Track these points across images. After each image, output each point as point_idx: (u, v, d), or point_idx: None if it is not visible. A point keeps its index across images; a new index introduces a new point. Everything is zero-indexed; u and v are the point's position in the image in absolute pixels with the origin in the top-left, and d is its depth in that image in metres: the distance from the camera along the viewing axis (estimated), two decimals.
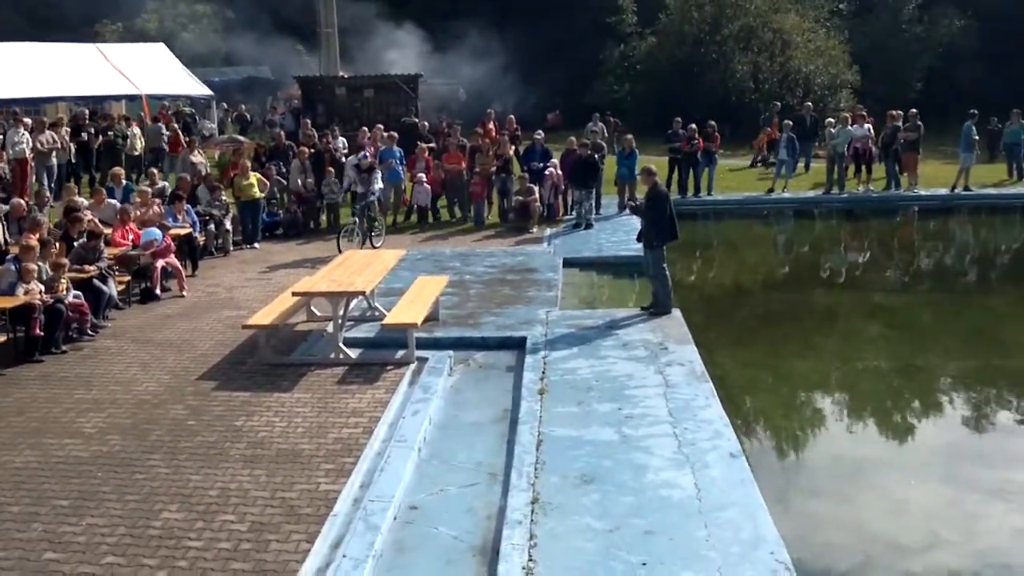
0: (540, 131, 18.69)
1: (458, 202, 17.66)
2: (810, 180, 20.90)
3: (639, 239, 10.60)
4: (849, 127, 19.46)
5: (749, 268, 15.10)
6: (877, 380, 9.58)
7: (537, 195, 16.61)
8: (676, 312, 10.22)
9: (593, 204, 16.92)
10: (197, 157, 16.81)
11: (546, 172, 17.02)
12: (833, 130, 19.52)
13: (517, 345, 9.38)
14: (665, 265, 10.33)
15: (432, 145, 19.11)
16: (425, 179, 17.05)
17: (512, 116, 21.48)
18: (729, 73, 31.63)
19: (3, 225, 12.03)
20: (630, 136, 18.18)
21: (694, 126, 19.18)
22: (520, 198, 16.48)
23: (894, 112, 20.15)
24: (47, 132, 17.86)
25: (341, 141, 17.85)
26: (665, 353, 8.88)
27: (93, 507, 5.96)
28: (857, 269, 14.85)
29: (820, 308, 12.42)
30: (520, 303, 10.97)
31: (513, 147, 18.11)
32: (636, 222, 11.42)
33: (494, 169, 17.09)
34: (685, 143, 18.82)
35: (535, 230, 16.11)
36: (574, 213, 16.93)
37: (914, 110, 20.24)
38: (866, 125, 19.76)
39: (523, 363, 8.75)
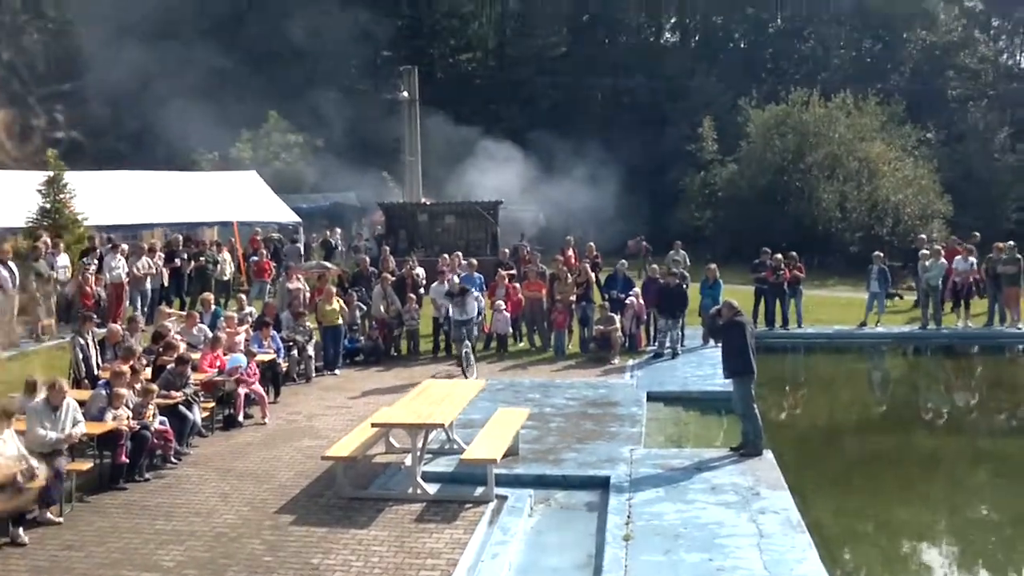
0: (624, 260, 18.82)
1: (538, 331, 17.77)
2: (905, 315, 20.40)
3: (724, 372, 10.46)
4: (942, 260, 19.02)
5: (843, 406, 14.64)
6: (987, 531, 9.04)
7: (618, 324, 16.60)
8: (768, 454, 9.93)
9: (680, 334, 16.80)
10: (295, 283, 17.39)
11: (627, 301, 17.05)
12: (927, 263, 19.11)
13: (600, 485, 9.23)
14: (754, 404, 10.11)
15: (512, 272, 19.42)
16: (505, 307, 17.25)
17: (592, 243, 21.78)
18: (815, 201, 31.61)
19: (97, 349, 12.56)
20: (714, 266, 18.16)
21: (780, 256, 19.07)
22: (601, 327, 16.49)
23: (1000, 244, 19.61)
24: (143, 258, 18.83)
25: (420, 271, 18.33)
26: (757, 499, 8.59)
27: None
28: (960, 410, 14.25)
29: (922, 451, 11.89)
30: (602, 439, 10.84)
31: (594, 275, 18.25)
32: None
33: (574, 297, 17.21)
34: (770, 273, 18.69)
35: (616, 361, 16.01)
36: (656, 344, 16.85)
37: (1011, 242, 19.75)
38: (970, 259, 19.29)
39: (607, 504, 8.58)
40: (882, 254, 20.41)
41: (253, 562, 7.44)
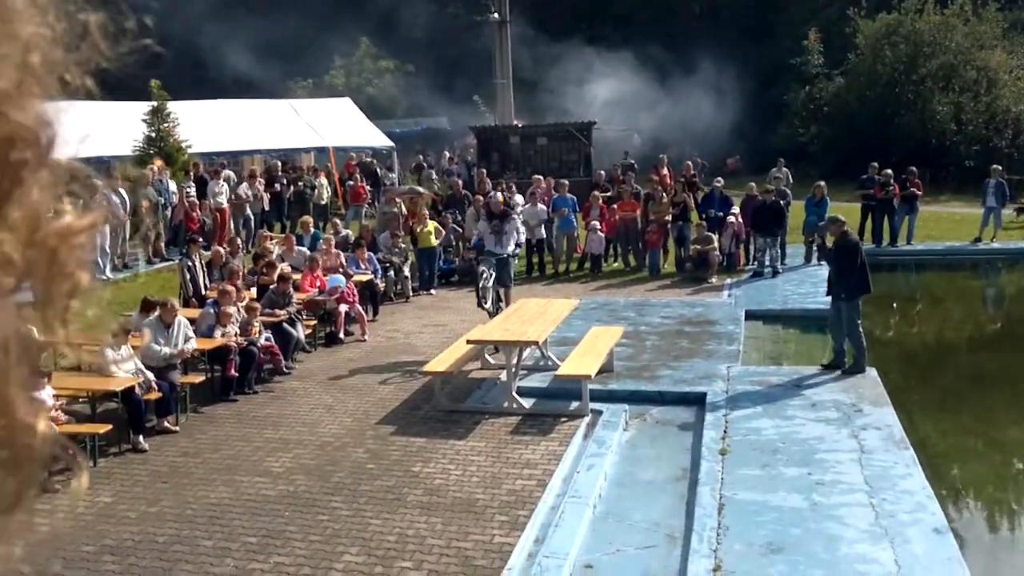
0: (719, 178, 18.43)
1: (632, 250, 17.68)
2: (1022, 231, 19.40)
3: (828, 291, 10.23)
4: None
5: (953, 325, 14.15)
6: None
7: (716, 244, 16.34)
8: (871, 371, 9.73)
9: (779, 252, 16.46)
10: (391, 206, 17.74)
11: (726, 220, 16.74)
12: None
13: (696, 401, 9.24)
14: (860, 320, 9.90)
15: (609, 193, 19.25)
16: (599, 227, 17.17)
17: (689, 162, 21.33)
18: (928, 114, 30.06)
19: (204, 271, 13.12)
20: (822, 183, 17.59)
21: (889, 171, 18.33)
22: (698, 246, 16.27)
23: None
24: (244, 184, 19.40)
25: (519, 198, 18.23)
26: (860, 415, 8.46)
27: (280, 546, 6.32)
28: None
29: None
30: (699, 356, 10.83)
31: (691, 194, 17.94)
32: (825, 273, 11.00)
33: (670, 217, 16.99)
34: (879, 189, 18.00)
35: (714, 280, 15.84)
36: (756, 263, 16.58)
37: None
38: None
39: (703, 421, 8.59)
40: (1000, 167, 19.38)
41: (357, 469, 7.78)
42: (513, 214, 12.01)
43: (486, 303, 11.47)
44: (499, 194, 13.17)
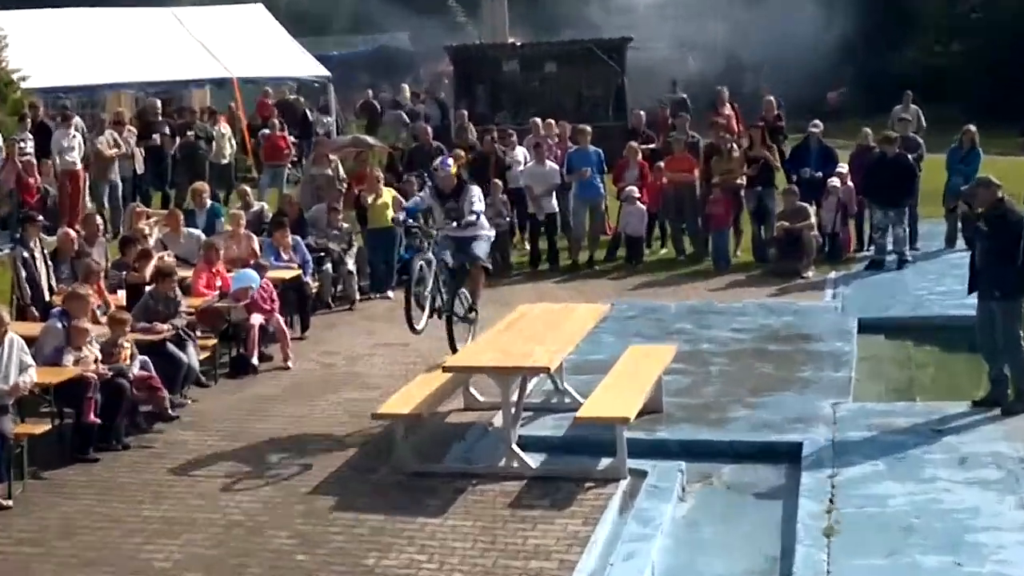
0: (816, 121, 18.45)
1: (687, 230, 17.66)
2: None
3: (972, 287, 10.25)
4: None
5: None
6: None
7: (813, 219, 16.37)
8: None
9: (907, 232, 16.46)
10: (325, 167, 17.69)
11: (828, 184, 16.76)
12: None
13: (787, 456, 9.29)
14: (1022, 333, 9.92)
15: (653, 145, 19.25)
16: (638, 196, 17.20)
17: (771, 97, 21.36)
18: None
19: (48, 265, 13.04)
20: (971, 127, 17.59)
21: None
22: (786, 223, 16.31)
23: None
24: (107, 133, 19.34)
25: (520, 151, 18.21)
26: None
27: None
28: None
29: None
30: (790, 389, 10.85)
31: (775, 146, 17.97)
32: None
33: (744, 180, 17.01)
34: None
35: (810, 273, 15.86)
36: (873, 247, 16.57)
37: None
38: None
39: (797, 485, 8.60)
40: None
41: (281, 563, 7.71)
42: (470, 186, 11.42)
43: (418, 322, 11.03)
44: (450, 160, 11.86)
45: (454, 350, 10.91)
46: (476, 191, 11.34)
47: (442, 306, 11.19)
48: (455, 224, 11.23)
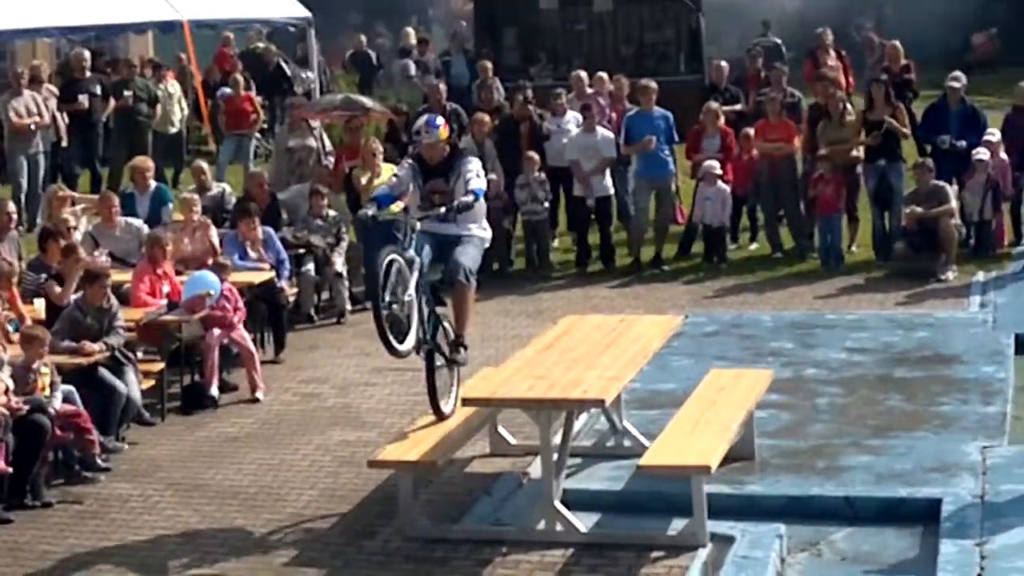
0: (956, 74, 18.42)
1: (786, 217, 17.77)
2: None
3: None
4: None
5: None
6: None
7: (954, 203, 16.38)
8: None
9: None
10: (304, 137, 17.80)
11: (973, 157, 16.78)
12: None
13: (921, 516, 9.30)
14: None
15: (739, 107, 19.26)
16: (720, 174, 17.25)
17: (895, 42, 21.35)
18: None
19: None
20: None
21: None
22: (918, 209, 16.34)
23: None
24: (24, 96, 19.49)
25: (572, 117, 18.18)
26: None
27: None
28: None
29: None
30: (924, 428, 10.86)
31: (901, 107, 17.93)
32: None
33: (860, 152, 17.02)
34: None
35: (951, 274, 15.95)
36: None
37: None
38: None
39: (935, 555, 8.62)
40: None
41: None
42: (467, 156, 10.43)
43: (400, 341, 9.54)
44: (439, 120, 10.47)
45: (436, 408, 9.96)
46: (475, 163, 10.22)
47: (421, 335, 9.91)
48: (441, 211, 9.85)
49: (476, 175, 10.04)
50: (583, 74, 19.38)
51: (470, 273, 9.97)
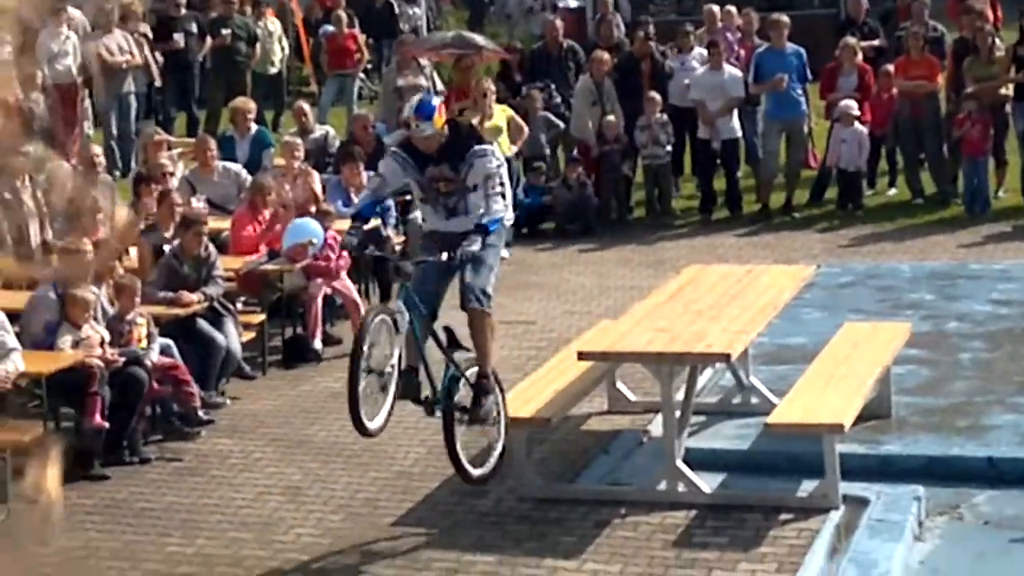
0: None
1: (928, 161, 17.55)
2: None
3: None
4: None
5: None
6: None
7: None
8: None
9: None
10: (413, 74, 17.77)
11: None
12: None
13: None
14: None
15: (877, 42, 18.98)
16: (857, 114, 17.05)
17: None
18: None
19: (38, 212, 13.20)
20: None
21: None
22: None
23: None
24: (115, 35, 19.62)
25: (697, 54, 17.96)
26: None
27: None
28: None
29: None
30: None
31: None
32: None
33: (1009, 90, 16.75)
34: None
35: None
36: None
37: None
38: None
39: None
40: None
41: None
42: (486, 146, 8.90)
43: (371, 417, 8.46)
44: (434, 101, 9.02)
45: (460, 470, 8.90)
46: (491, 162, 8.71)
47: (433, 394, 9.05)
48: (443, 257, 8.60)
49: (496, 192, 8.68)
50: (715, 8, 19.15)
51: (484, 296, 8.85)
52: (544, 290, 14.55)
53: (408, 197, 15.30)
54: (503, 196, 8.81)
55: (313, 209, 13.63)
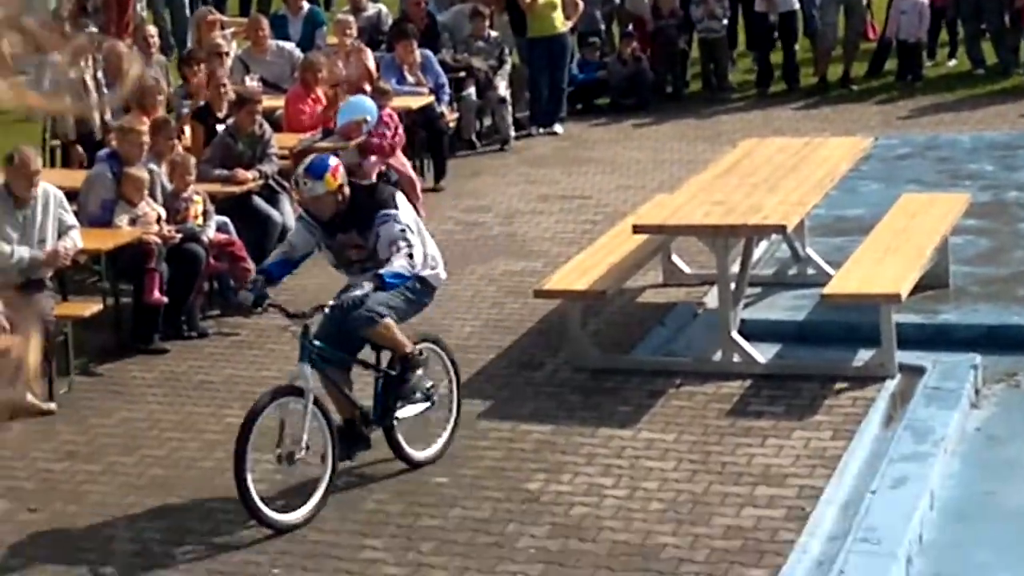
0: None
1: (988, 29, 17.39)
2: None
3: None
4: None
5: None
6: None
7: None
8: None
9: None
10: None
11: None
12: None
13: None
14: None
15: None
16: None
17: None
18: None
19: (100, 93, 13.21)
20: None
21: None
22: None
23: None
24: None
25: None
26: None
27: None
28: None
29: None
30: None
31: None
32: None
33: None
34: None
35: None
36: None
37: None
38: None
39: None
40: None
41: (415, 486, 8.01)
42: (390, 211, 8.10)
43: (287, 509, 7.73)
44: (325, 163, 8.24)
45: (406, 461, 8.28)
46: (394, 227, 8.00)
47: (362, 425, 8.29)
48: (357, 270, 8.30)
49: (402, 251, 7.91)
50: None
51: (376, 315, 8.06)
52: (599, 165, 14.54)
53: (463, 74, 15.45)
54: (412, 256, 7.90)
55: (367, 87, 13.67)
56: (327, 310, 8.11)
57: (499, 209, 13.31)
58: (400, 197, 8.26)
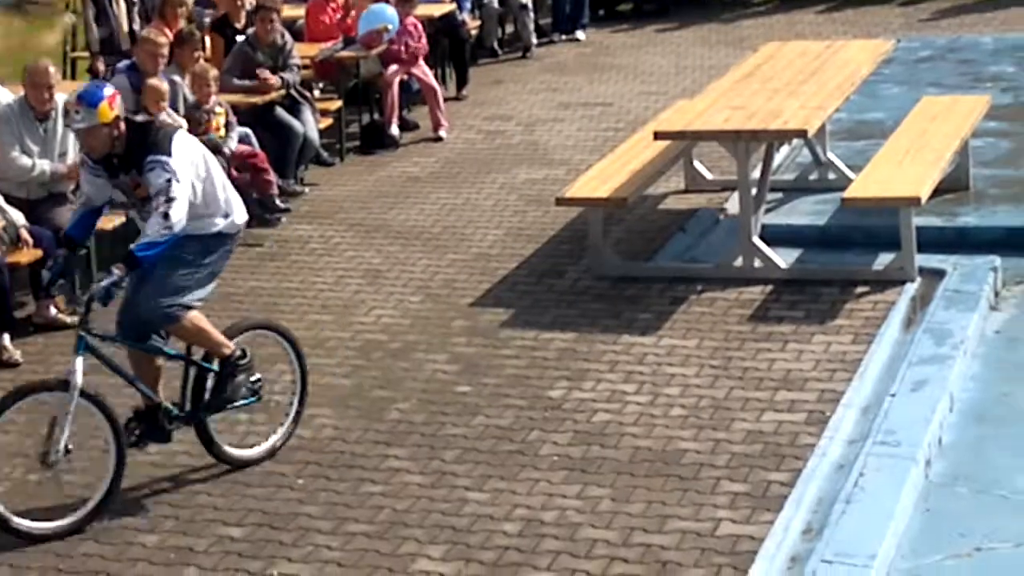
0: None
1: None
2: None
3: None
4: None
5: None
6: None
7: None
8: None
9: None
10: None
11: None
12: None
13: None
14: None
15: None
16: None
17: None
18: None
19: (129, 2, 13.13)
20: None
21: None
22: None
23: None
24: None
25: None
26: None
27: (289, 545, 6.66)
28: None
29: None
30: None
31: None
32: None
33: None
34: None
35: None
36: None
37: None
38: None
39: None
40: None
41: (436, 394, 8.06)
42: (159, 156, 7.00)
43: (51, 518, 6.91)
44: (101, 93, 7.12)
45: (216, 455, 7.53)
46: (164, 164, 6.98)
47: (166, 420, 7.40)
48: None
49: (160, 210, 6.91)
50: None
51: (167, 312, 7.19)
52: (621, 71, 14.52)
53: None
54: (168, 215, 6.84)
55: None
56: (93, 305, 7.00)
57: (521, 117, 13.32)
58: (179, 137, 7.21)
